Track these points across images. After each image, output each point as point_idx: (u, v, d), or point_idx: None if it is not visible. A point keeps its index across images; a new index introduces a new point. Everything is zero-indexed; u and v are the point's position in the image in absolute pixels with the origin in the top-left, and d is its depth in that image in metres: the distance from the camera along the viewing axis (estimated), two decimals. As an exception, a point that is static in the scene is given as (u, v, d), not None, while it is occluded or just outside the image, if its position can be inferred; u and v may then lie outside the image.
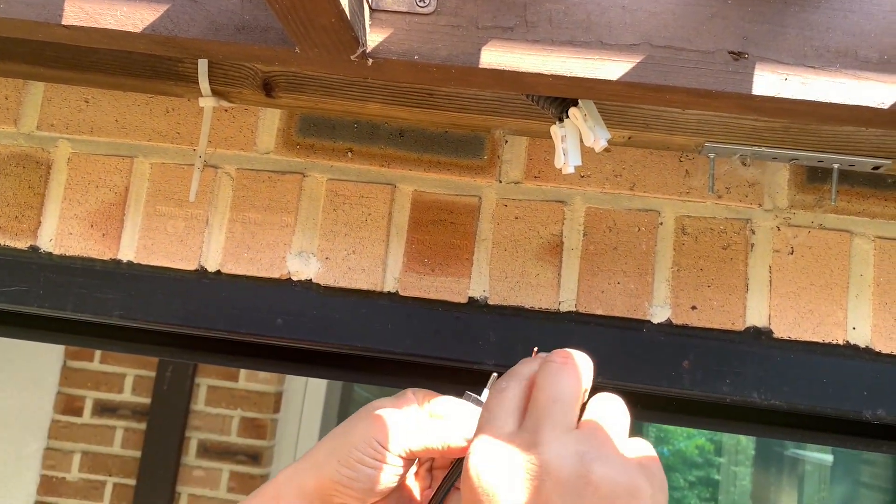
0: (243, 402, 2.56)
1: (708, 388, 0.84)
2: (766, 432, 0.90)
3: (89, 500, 2.53)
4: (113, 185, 0.93)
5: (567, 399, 0.52)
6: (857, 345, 0.84)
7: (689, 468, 5.45)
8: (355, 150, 0.91)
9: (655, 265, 0.87)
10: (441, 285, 0.89)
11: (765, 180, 0.87)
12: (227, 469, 2.53)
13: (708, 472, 5.36)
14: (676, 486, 5.21)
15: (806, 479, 4.42)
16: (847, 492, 4.22)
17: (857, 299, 0.85)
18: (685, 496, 5.29)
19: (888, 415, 0.82)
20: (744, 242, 0.86)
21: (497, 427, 0.52)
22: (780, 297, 0.85)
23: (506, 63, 0.65)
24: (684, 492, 5.31)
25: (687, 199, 0.88)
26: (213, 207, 0.92)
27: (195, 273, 0.91)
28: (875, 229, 0.86)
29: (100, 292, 0.91)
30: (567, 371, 0.55)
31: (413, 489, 0.69)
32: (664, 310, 0.86)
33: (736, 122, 0.78)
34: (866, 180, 0.86)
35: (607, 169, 0.89)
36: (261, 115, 0.93)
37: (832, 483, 4.31)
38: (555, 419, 0.50)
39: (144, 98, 0.94)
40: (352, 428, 0.65)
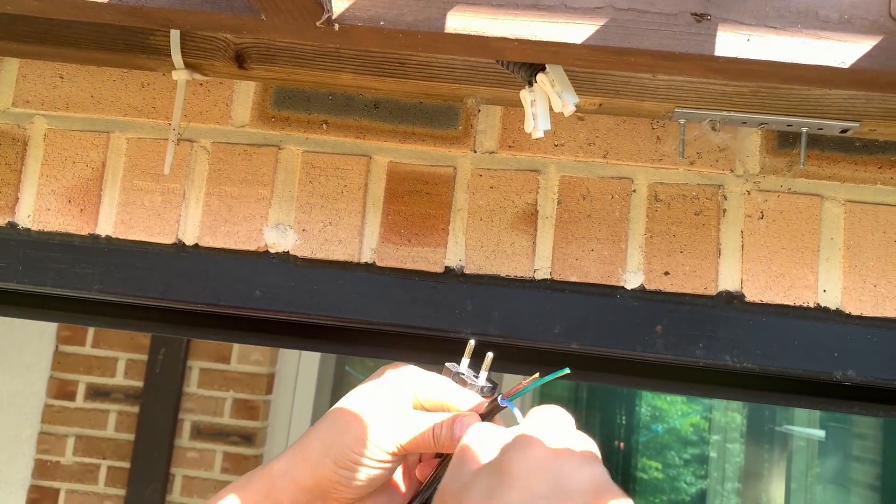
0: (236, 383, 2.57)
1: (681, 352, 0.85)
2: (739, 396, 0.91)
3: (84, 484, 2.54)
4: (90, 161, 0.93)
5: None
6: (827, 307, 0.85)
7: (683, 446, 5.49)
8: (330, 122, 0.91)
9: (629, 232, 0.88)
10: (417, 255, 0.90)
11: (736, 146, 0.87)
12: (221, 450, 2.55)
13: (703, 450, 5.40)
14: (672, 463, 5.25)
15: (799, 454, 4.45)
16: (839, 466, 4.25)
17: (827, 262, 0.86)
18: (681, 474, 5.33)
19: (858, 375, 0.83)
20: (716, 208, 0.87)
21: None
22: (751, 262, 0.86)
23: (471, 28, 0.65)
24: (679, 469, 5.35)
25: (659, 166, 0.88)
26: (190, 181, 0.92)
27: (173, 247, 0.91)
28: (845, 193, 0.87)
29: (78, 267, 0.92)
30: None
31: (398, 481, 0.69)
32: (637, 276, 0.87)
33: (704, 86, 0.78)
34: (836, 145, 0.86)
35: (581, 137, 0.90)
36: (236, 88, 0.93)
37: (825, 457, 4.34)
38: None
39: (119, 73, 0.94)
40: (345, 426, 0.64)
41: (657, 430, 5.11)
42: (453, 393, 0.65)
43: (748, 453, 4.64)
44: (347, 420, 0.64)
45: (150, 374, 2.56)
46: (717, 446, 5.25)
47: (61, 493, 2.55)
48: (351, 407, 0.65)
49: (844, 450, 4.27)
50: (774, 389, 0.90)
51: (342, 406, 0.65)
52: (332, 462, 0.63)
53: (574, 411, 1.98)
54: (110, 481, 2.54)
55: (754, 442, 4.73)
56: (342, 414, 0.65)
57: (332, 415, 0.66)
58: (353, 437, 0.63)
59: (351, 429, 0.64)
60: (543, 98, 0.72)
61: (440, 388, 0.66)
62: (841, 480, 4.25)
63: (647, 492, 4.65)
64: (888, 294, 0.84)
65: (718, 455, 5.18)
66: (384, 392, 0.66)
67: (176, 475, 2.54)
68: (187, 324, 0.97)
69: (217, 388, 2.57)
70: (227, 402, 2.57)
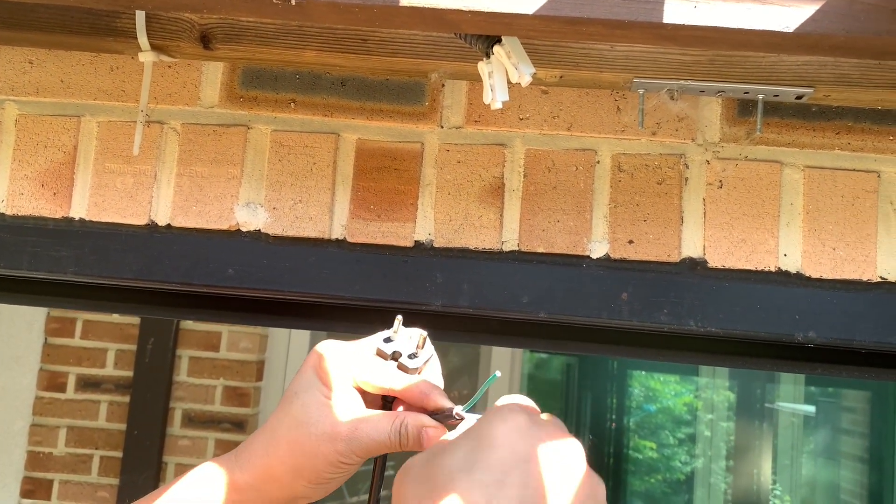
0: (225, 371, 2.59)
1: (646, 318, 0.87)
2: (705, 360, 0.93)
3: (77, 474, 2.56)
4: (61, 145, 0.94)
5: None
6: (788, 271, 0.87)
7: (677, 425, 5.54)
8: (298, 100, 0.92)
9: (593, 202, 0.90)
10: (388, 230, 0.91)
11: (696, 115, 0.89)
12: (213, 437, 2.57)
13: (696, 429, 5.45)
14: (665, 443, 5.30)
15: (791, 429, 4.50)
16: (829, 439, 4.31)
17: (787, 227, 0.87)
18: (675, 453, 5.38)
19: (819, 336, 0.85)
20: (678, 177, 0.89)
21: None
22: (714, 228, 0.88)
23: (426, 1, 0.66)
24: (674, 448, 5.40)
25: (622, 138, 0.90)
26: (161, 163, 0.93)
27: (146, 228, 0.92)
28: (804, 159, 0.88)
29: (53, 250, 0.93)
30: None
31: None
32: (602, 245, 0.89)
33: (661, 56, 0.80)
34: (795, 112, 0.88)
35: (545, 110, 0.91)
36: (204, 69, 0.94)
37: (815, 431, 4.39)
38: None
39: (88, 57, 0.95)
40: (312, 451, 0.63)
41: (650, 410, 5.14)
42: (394, 379, 0.64)
43: (740, 430, 4.69)
44: (313, 444, 0.62)
45: (140, 363, 2.57)
46: (710, 424, 5.29)
47: (55, 484, 2.57)
48: (309, 425, 0.63)
49: (833, 424, 4.32)
50: (739, 353, 0.92)
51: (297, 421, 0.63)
52: (306, 482, 0.63)
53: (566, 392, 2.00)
54: (103, 471, 2.56)
55: (746, 419, 4.78)
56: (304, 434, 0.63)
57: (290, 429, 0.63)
58: (323, 461, 0.62)
59: (319, 455, 0.62)
60: (501, 70, 0.73)
61: (379, 376, 0.65)
62: (831, 453, 4.30)
63: (641, 470, 4.69)
64: (846, 257, 0.86)
65: (713, 433, 5.22)
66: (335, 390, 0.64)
67: (168, 463, 2.56)
68: (163, 304, 0.98)
69: (207, 377, 2.59)
70: (217, 389, 2.59)
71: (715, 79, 0.81)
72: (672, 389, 5.60)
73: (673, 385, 5.25)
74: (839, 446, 4.25)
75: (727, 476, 4.62)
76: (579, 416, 4.43)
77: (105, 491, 2.55)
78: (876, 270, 0.86)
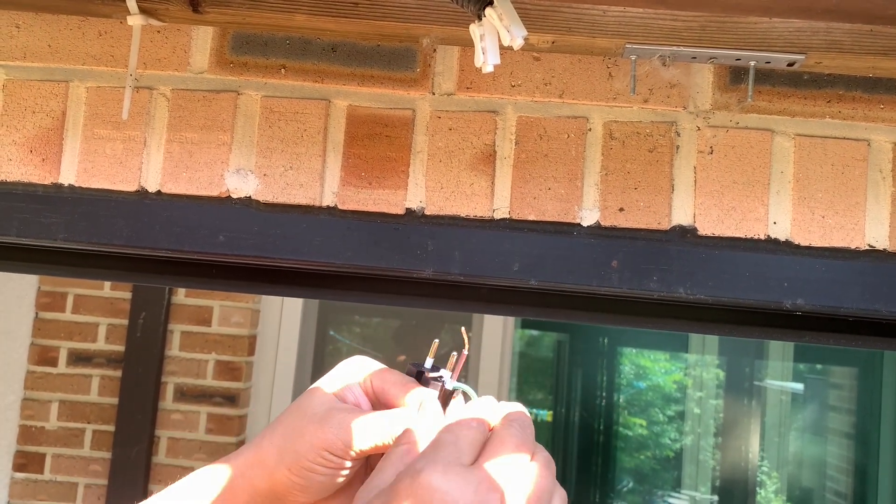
0: (217, 345, 2.59)
1: (636, 285, 0.88)
2: (694, 328, 0.94)
3: (70, 448, 2.57)
4: (50, 111, 0.94)
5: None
6: (777, 239, 0.87)
7: (666, 402, 5.59)
8: (288, 66, 0.92)
9: (584, 170, 0.90)
10: (379, 198, 0.91)
11: (688, 82, 0.89)
12: (205, 411, 2.58)
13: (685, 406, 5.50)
14: (655, 420, 5.35)
15: (780, 406, 4.55)
16: (817, 415, 4.36)
17: (777, 195, 0.88)
18: (665, 430, 5.43)
19: (806, 304, 0.86)
20: (669, 145, 0.89)
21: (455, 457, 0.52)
22: (704, 196, 0.88)
23: (417, -39, 0.66)
24: (664, 426, 5.45)
25: (614, 105, 0.90)
26: (151, 128, 0.93)
27: (136, 194, 0.92)
28: (795, 127, 0.88)
29: (43, 217, 0.93)
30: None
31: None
32: (593, 213, 0.89)
33: (653, 21, 0.79)
34: (786, 80, 0.88)
35: (537, 77, 0.91)
36: (193, 34, 0.93)
37: (803, 408, 4.45)
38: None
39: (76, 21, 0.94)
40: (299, 432, 0.62)
41: (640, 387, 5.18)
42: (398, 385, 0.63)
43: (729, 408, 4.73)
44: (302, 425, 0.62)
45: (132, 338, 2.57)
46: (700, 402, 5.34)
47: (47, 458, 2.57)
48: (306, 409, 0.63)
49: (821, 401, 4.37)
50: (727, 321, 0.93)
51: (299, 406, 0.63)
52: (286, 468, 0.61)
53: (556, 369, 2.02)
54: (96, 445, 2.57)
55: (735, 397, 4.82)
56: (298, 417, 0.63)
57: (289, 415, 0.63)
58: (307, 444, 0.61)
59: (305, 435, 0.61)
60: (493, 32, 0.73)
61: (387, 379, 0.64)
62: (818, 430, 4.35)
63: (631, 447, 4.74)
64: (835, 225, 0.87)
65: (702, 411, 5.27)
66: (339, 389, 0.64)
67: (161, 437, 2.57)
68: (153, 271, 0.98)
69: (199, 351, 2.59)
70: (209, 364, 2.59)
71: (707, 45, 0.81)
72: (662, 367, 5.64)
73: (663, 363, 5.29)
74: (827, 423, 4.30)
75: (716, 453, 4.67)
76: (570, 393, 4.46)
77: (97, 464, 2.56)
78: (864, 238, 0.87)
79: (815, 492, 4.33)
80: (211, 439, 2.56)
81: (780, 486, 4.46)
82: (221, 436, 2.55)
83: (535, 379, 4.68)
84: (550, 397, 4.61)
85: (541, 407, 4.58)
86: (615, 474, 4.73)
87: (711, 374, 5.48)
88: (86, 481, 2.54)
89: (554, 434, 4.54)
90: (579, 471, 4.54)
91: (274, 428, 0.63)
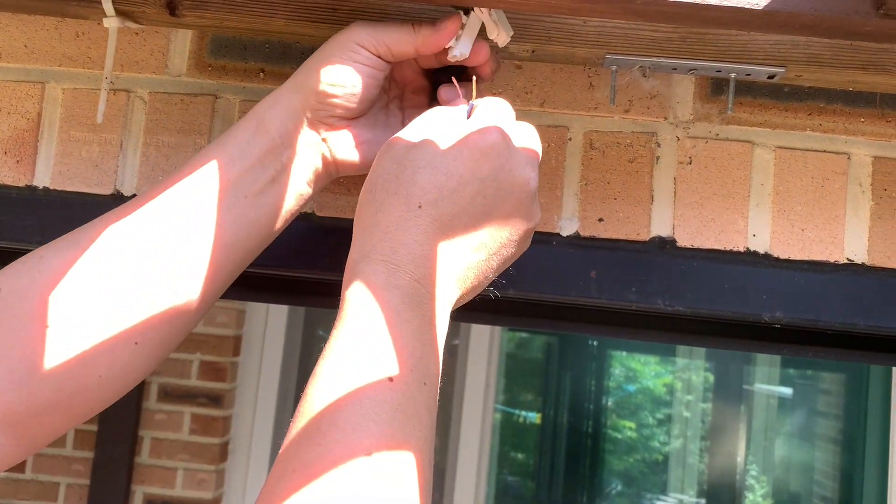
0: (202, 346, 2.58)
1: (615, 296, 0.87)
2: (673, 339, 0.93)
3: (52, 447, 2.55)
4: (25, 112, 0.92)
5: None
6: (756, 251, 0.87)
7: (656, 405, 5.61)
8: (267, 70, 0.91)
9: (564, 180, 0.89)
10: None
11: (669, 93, 0.88)
12: (189, 412, 2.57)
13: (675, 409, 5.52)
14: (645, 423, 5.36)
15: (768, 411, 4.57)
16: (805, 420, 4.38)
17: (757, 208, 0.87)
18: (654, 433, 5.45)
19: (785, 316, 0.86)
20: (650, 155, 0.89)
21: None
22: (683, 207, 0.88)
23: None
24: (653, 429, 5.47)
25: (595, 115, 0.89)
26: (127, 132, 0.92)
27: (112, 198, 0.91)
28: (775, 139, 0.88)
29: (18, 220, 0.92)
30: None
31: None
32: (573, 223, 0.89)
33: (633, 32, 0.79)
34: (768, 92, 0.88)
35: (518, 85, 0.90)
36: (172, 37, 0.92)
37: (792, 412, 4.47)
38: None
39: (53, 22, 0.93)
40: (330, 42, 0.71)
41: (629, 390, 5.19)
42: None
43: (718, 412, 4.75)
44: (333, 37, 0.72)
45: (117, 337, 2.55)
46: (689, 405, 5.35)
47: (28, 457, 2.56)
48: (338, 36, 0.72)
49: (810, 406, 4.39)
50: (706, 333, 0.93)
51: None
52: (315, 71, 0.69)
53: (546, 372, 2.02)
54: (78, 444, 2.55)
55: (724, 401, 4.84)
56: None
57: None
58: (337, 43, 0.70)
59: (336, 39, 0.71)
60: (474, 27, 0.72)
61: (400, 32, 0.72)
62: (807, 435, 4.37)
63: (620, 450, 4.75)
64: (815, 238, 0.87)
65: (690, 414, 5.28)
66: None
67: (144, 437, 2.55)
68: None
69: (183, 351, 2.58)
70: (193, 364, 2.58)
71: (687, 56, 0.81)
72: (652, 370, 5.65)
73: (653, 366, 5.30)
74: (815, 428, 4.32)
75: (704, 456, 4.69)
76: (559, 396, 4.47)
77: (80, 464, 2.54)
78: (843, 252, 0.86)
79: (802, 496, 4.35)
80: (195, 440, 2.54)
81: (767, 489, 4.48)
82: (205, 437, 2.54)
83: (524, 381, 4.68)
84: (539, 399, 4.62)
85: (529, 409, 4.58)
86: (603, 477, 4.74)
87: (700, 378, 5.50)
88: (67, 481, 2.53)
89: (542, 436, 4.54)
90: (567, 473, 4.55)
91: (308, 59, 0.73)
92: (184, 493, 2.52)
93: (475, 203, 0.59)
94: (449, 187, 0.59)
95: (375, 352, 0.53)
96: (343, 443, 0.47)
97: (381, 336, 0.54)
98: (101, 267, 0.66)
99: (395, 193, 0.59)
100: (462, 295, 0.63)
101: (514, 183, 0.62)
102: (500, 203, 0.61)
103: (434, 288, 0.58)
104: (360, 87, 0.69)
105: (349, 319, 0.56)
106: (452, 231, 0.58)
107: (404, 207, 0.58)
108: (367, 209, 0.62)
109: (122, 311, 0.65)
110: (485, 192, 0.60)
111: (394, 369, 0.52)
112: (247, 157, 0.69)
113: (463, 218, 0.59)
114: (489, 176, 0.60)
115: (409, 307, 0.55)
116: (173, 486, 2.51)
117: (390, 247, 0.57)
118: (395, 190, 0.59)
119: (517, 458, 4.61)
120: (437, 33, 0.69)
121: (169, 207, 0.68)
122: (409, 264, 0.56)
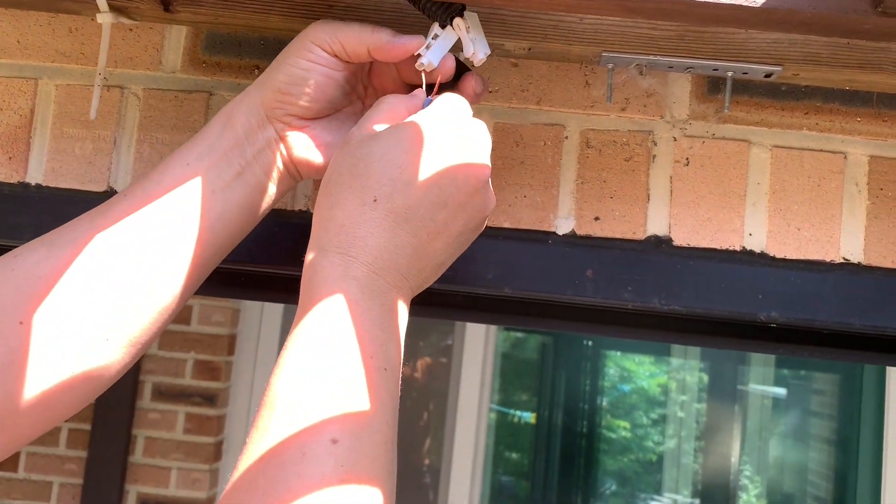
0: (196, 345, 2.57)
1: (610, 295, 0.87)
2: (668, 338, 0.93)
3: (45, 446, 2.54)
4: (18, 108, 0.92)
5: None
6: (752, 250, 0.87)
7: (650, 405, 5.61)
8: (262, 67, 0.90)
9: (560, 178, 0.89)
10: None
11: (666, 91, 0.88)
12: (183, 411, 2.56)
13: (669, 409, 5.53)
14: (639, 423, 5.37)
15: (762, 411, 4.58)
16: (799, 421, 4.39)
17: (753, 207, 0.87)
18: (648, 433, 5.46)
19: (781, 316, 0.86)
20: (646, 154, 0.88)
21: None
22: (680, 206, 0.87)
23: (389, -35, 0.65)
24: (648, 429, 5.47)
25: (591, 113, 0.89)
26: (121, 128, 0.91)
27: (105, 195, 0.90)
28: (772, 138, 0.88)
29: (11, 216, 0.91)
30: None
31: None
32: (569, 221, 0.88)
33: (630, 30, 0.78)
34: (764, 91, 0.87)
35: (514, 83, 0.90)
36: (166, 33, 0.92)
37: (786, 413, 4.48)
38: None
39: (46, 17, 0.92)
40: (293, 40, 0.71)
41: (624, 390, 5.19)
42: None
43: (713, 412, 4.75)
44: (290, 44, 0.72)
45: (110, 336, 2.54)
46: (683, 405, 5.36)
47: (21, 456, 2.55)
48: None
49: (804, 406, 4.40)
50: (702, 332, 0.92)
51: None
52: (273, 70, 0.70)
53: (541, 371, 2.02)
54: (71, 443, 2.54)
55: (719, 401, 4.84)
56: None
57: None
58: (294, 43, 0.70)
59: (295, 39, 0.71)
60: (450, 39, 0.72)
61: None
62: (801, 435, 4.38)
63: (614, 449, 4.75)
64: (811, 237, 0.86)
65: (686, 415, 5.29)
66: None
67: (138, 436, 2.54)
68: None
69: (178, 350, 2.57)
70: (188, 363, 2.57)
71: (684, 55, 0.81)
72: (646, 370, 5.66)
73: (647, 366, 5.30)
74: (809, 428, 4.33)
75: (698, 456, 4.69)
76: (554, 395, 4.47)
77: (73, 463, 2.53)
78: (839, 251, 0.86)
79: (796, 496, 4.35)
80: (189, 439, 2.53)
81: (761, 490, 4.49)
82: (199, 436, 2.53)
83: (519, 381, 4.68)
84: (534, 399, 4.62)
85: (524, 409, 4.58)
86: (598, 477, 4.74)
87: (695, 378, 5.51)
88: (60, 480, 2.52)
89: (537, 436, 4.54)
90: (562, 473, 4.55)
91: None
92: (178, 492, 2.51)
93: (430, 194, 0.61)
94: (403, 180, 0.60)
95: (336, 339, 0.55)
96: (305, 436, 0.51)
97: (341, 324, 0.56)
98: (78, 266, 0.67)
99: (350, 187, 0.60)
100: (420, 283, 0.64)
101: (468, 173, 0.63)
102: (454, 192, 0.62)
103: (392, 278, 0.59)
104: (313, 86, 0.69)
105: (309, 311, 0.58)
106: (408, 222, 0.60)
107: (359, 201, 0.60)
108: (323, 203, 0.63)
109: (94, 308, 0.65)
110: (439, 182, 0.61)
111: (355, 356, 0.55)
112: (214, 151, 0.70)
113: (419, 209, 0.60)
114: (443, 166, 0.61)
115: (367, 297, 0.57)
116: (167, 486, 2.50)
117: (347, 240, 0.59)
118: (349, 184, 0.61)
119: (512, 458, 4.61)
120: (393, 42, 0.69)
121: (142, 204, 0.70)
122: (366, 256, 0.58)
